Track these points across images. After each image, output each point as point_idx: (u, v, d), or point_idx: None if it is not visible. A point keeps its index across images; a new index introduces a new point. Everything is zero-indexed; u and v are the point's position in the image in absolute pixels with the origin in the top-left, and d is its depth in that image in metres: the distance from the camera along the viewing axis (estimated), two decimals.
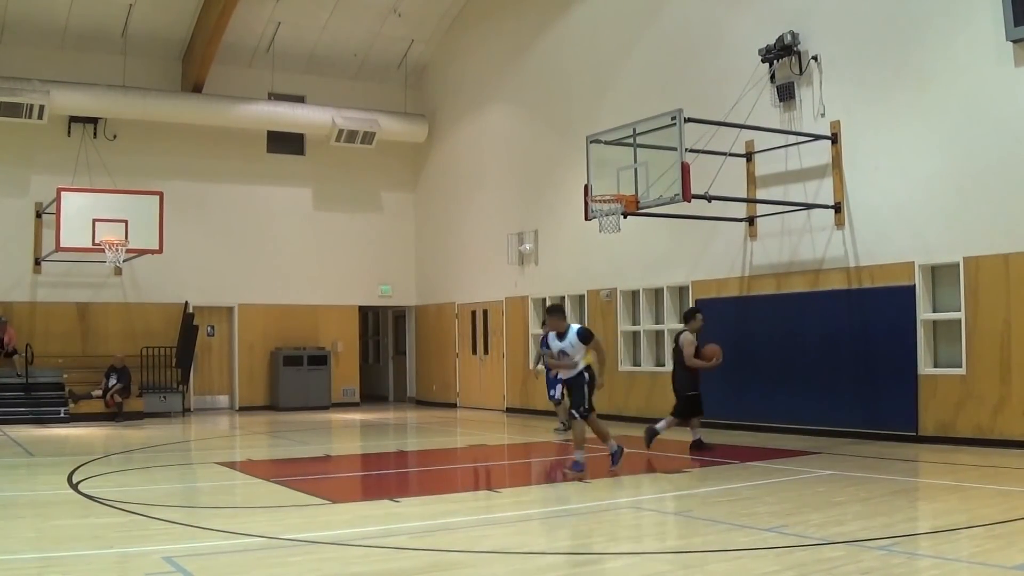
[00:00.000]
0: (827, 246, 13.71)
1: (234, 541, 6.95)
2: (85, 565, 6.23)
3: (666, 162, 12.05)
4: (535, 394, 19.45)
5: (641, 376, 16.75)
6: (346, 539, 7.04)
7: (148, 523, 7.62)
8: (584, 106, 18.15)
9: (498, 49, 21.12)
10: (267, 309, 21.96)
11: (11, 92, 18.45)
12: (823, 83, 13.76)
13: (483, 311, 21.31)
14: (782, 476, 9.97)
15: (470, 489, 10.43)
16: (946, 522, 7.40)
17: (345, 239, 23.00)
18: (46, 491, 9.74)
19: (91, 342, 20.09)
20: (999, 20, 11.46)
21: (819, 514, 7.69)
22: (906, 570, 5.81)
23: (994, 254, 11.70)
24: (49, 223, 18.70)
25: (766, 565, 5.95)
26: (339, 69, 22.95)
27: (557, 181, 18.70)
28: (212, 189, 21.57)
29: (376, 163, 23.37)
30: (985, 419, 11.73)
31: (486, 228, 21.15)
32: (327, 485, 10.36)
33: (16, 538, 7.28)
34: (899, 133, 12.86)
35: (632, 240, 15.71)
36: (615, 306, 17.34)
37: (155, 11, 20.07)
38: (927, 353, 12.50)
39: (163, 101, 20.38)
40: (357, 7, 21.47)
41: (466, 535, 7.28)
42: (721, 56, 15.35)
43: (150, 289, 20.64)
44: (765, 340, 14.51)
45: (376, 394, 25.08)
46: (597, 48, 18.18)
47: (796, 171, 14.10)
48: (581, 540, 7.19)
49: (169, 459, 12.81)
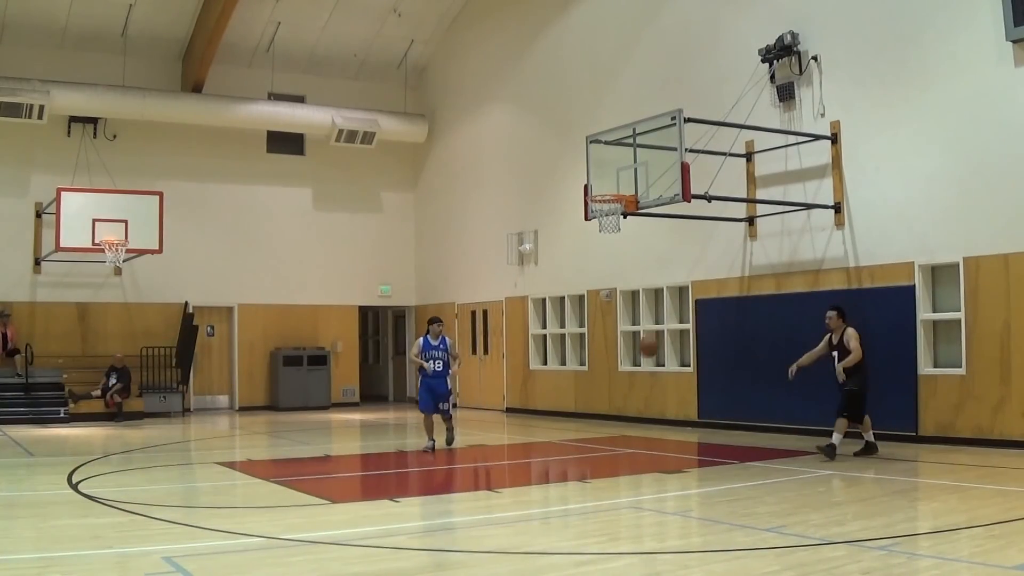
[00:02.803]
0: (827, 246, 13.71)
1: (234, 541, 6.95)
2: (85, 565, 6.22)
3: (666, 162, 12.05)
4: (535, 394, 19.46)
5: (641, 376, 16.75)
6: (346, 539, 7.04)
7: (148, 523, 7.62)
8: (584, 106, 18.15)
9: (498, 49, 21.12)
10: (267, 309, 21.95)
11: (11, 92, 18.44)
12: (823, 83, 13.76)
13: (483, 311, 21.31)
14: (782, 476, 9.97)
15: (470, 489, 10.43)
16: (946, 522, 7.40)
17: (345, 239, 23.00)
18: (46, 491, 9.74)
19: (91, 342, 20.08)
20: (999, 20, 11.46)
21: (819, 514, 7.69)
22: (906, 570, 5.81)
23: (994, 254, 11.70)
24: (49, 223, 18.69)
25: (766, 565, 5.95)
26: (339, 69, 22.95)
27: (557, 181, 18.70)
28: (212, 189, 21.57)
29: (376, 163, 23.37)
30: (985, 419, 11.73)
31: (486, 228, 21.15)
32: (327, 485, 10.35)
33: (16, 538, 7.28)
34: (899, 133, 12.85)
35: (632, 240, 15.71)
36: (615, 306, 17.34)
37: (155, 11, 20.07)
38: (927, 353, 12.49)
39: (163, 101, 20.37)
40: (357, 7, 21.47)
41: (466, 535, 7.28)
42: (721, 56, 15.35)
43: (150, 289, 20.64)
44: (765, 340, 14.50)
45: (376, 394, 25.07)
46: (597, 48, 18.19)
47: (796, 171, 14.10)
48: (581, 540, 7.19)
49: (169, 459, 12.81)
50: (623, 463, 11.90)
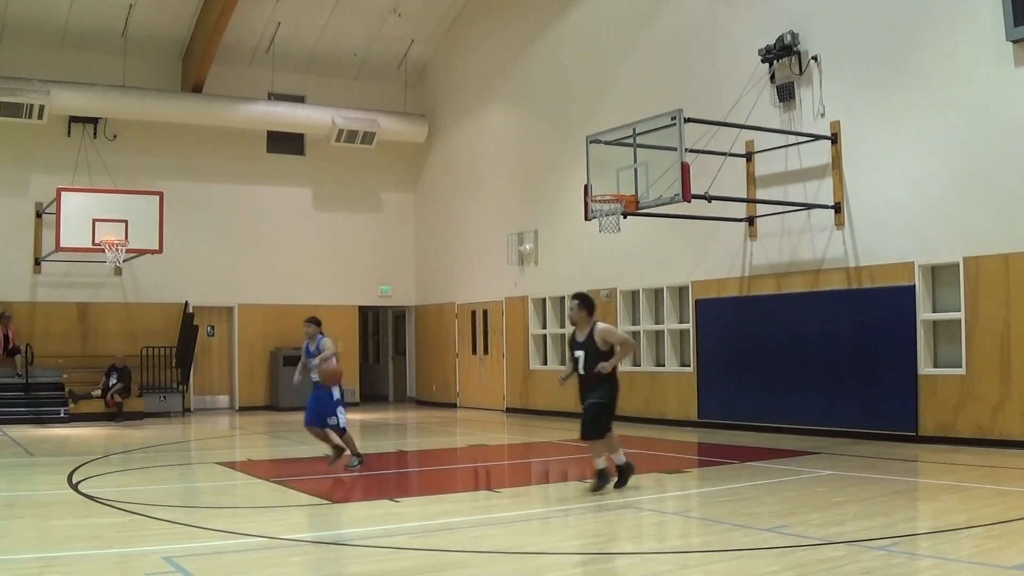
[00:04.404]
0: (827, 246, 13.71)
1: (234, 541, 6.95)
2: (85, 565, 6.22)
3: (666, 162, 12.05)
4: (535, 394, 19.46)
5: (641, 376, 16.74)
6: (346, 539, 7.04)
7: (148, 523, 7.62)
8: (584, 106, 18.15)
9: (498, 49, 21.12)
10: (267, 309, 21.95)
11: (11, 92, 18.45)
12: (823, 83, 13.76)
13: (483, 311, 21.30)
14: (782, 476, 9.97)
15: (470, 489, 10.43)
16: (946, 522, 7.40)
17: (345, 239, 22.99)
18: (46, 491, 9.74)
19: (91, 342, 20.08)
20: (999, 20, 11.46)
21: (819, 514, 7.69)
22: (906, 570, 5.81)
23: (994, 254, 11.70)
24: (49, 223, 18.70)
25: (766, 565, 5.95)
26: (339, 69, 22.95)
27: (557, 181, 18.69)
28: (212, 189, 21.57)
29: (376, 163, 23.37)
30: (985, 419, 11.73)
31: (486, 228, 21.15)
32: (327, 485, 10.35)
33: (16, 538, 7.28)
34: (899, 133, 12.86)
35: (632, 240, 15.71)
36: (615, 306, 17.33)
37: (155, 11, 20.07)
38: (927, 353, 12.49)
39: (163, 101, 20.37)
40: (357, 7, 21.47)
41: (466, 535, 7.27)
42: (721, 56, 15.35)
43: (150, 289, 20.64)
44: (765, 340, 14.51)
45: (376, 394, 25.07)
46: (597, 48, 18.18)
47: (796, 171, 14.10)
48: (581, 540, 7.19)
49: (169, 459, 12.81)
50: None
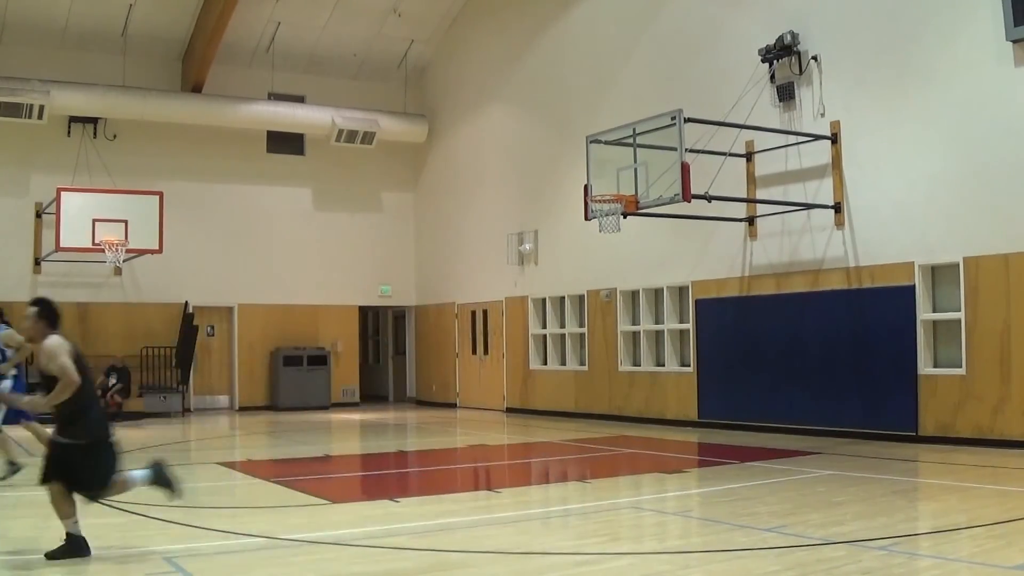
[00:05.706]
0: (827, 246, 13.71)
1: (234, 541, 6.96)
2: (85, 565, 6.22)
3: (666, 162, 12.05)
4: (535, 394, 19.46)
5: (641, 376, 16.74)
6: (346, 539, 7.04)
7: (148, 523, 7.63)
8: (584, 106, 18.15)
9: (498, 49, 21.12)
10: (267, 309, 21.95)
11: (11, 92, 18.43)
12: (823, 83, 13.75)
13: (483, 311, 21.30)
14: (782, 476, 9.97)
15: (470, 489, 10.43)
16: (946, 522, 7.40)
17: (345, 239, 22.99)
18: (46, 491, 9.71)
19: (91, 342, 20.01)
20: (999, 20, 11.46)
21: (819, 514, 7.69)
22: (906, 570, 5.81)
23: (994, 254, 11.70)
24: (49, 223, 18.68)
25: (766, 565, 5.95)
26: (339, 69, 22.94)
27: (557, 181, 18.69)
28: (212, 189, 21.56)
29: (376, 163, 23.36)
30: (985, 419, 11.73)
31: (486, 228, 21.15)
32: (327, 485, 10.35)
33: (16, 538, 7.27)
34: (899, 133, 12.85)
35: (632, 240, 15.71)
36: (615, 306, 17.33)
37: (155, 11, 20.06)
38: (927, 353, 12.49)
39: (163, 101, 20.37)
40: (357, 7, 21.47)
41: (466, 535, 7.27)
42: (721, 56, 15.34)
43: (150, 289, 20.63)
44: (765, 340, 14.51)
45: (376, 394, 25.06)
46: (597, 48, 18.18)
47: (796, 171, 14.10)
48: (581, 540, 7.19)
49: (169, 459, 12.76)
50: (623, 463, 11.90)
